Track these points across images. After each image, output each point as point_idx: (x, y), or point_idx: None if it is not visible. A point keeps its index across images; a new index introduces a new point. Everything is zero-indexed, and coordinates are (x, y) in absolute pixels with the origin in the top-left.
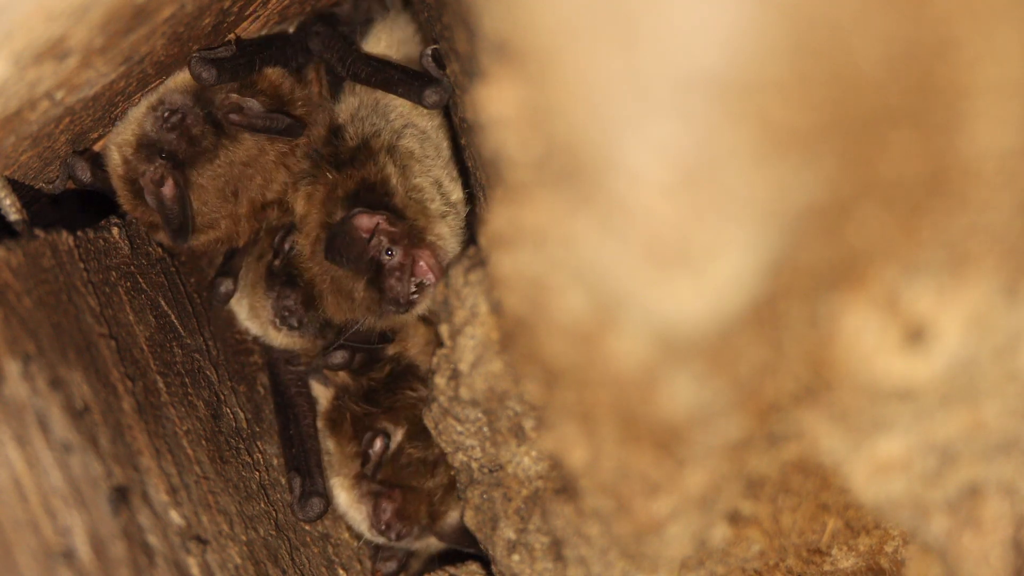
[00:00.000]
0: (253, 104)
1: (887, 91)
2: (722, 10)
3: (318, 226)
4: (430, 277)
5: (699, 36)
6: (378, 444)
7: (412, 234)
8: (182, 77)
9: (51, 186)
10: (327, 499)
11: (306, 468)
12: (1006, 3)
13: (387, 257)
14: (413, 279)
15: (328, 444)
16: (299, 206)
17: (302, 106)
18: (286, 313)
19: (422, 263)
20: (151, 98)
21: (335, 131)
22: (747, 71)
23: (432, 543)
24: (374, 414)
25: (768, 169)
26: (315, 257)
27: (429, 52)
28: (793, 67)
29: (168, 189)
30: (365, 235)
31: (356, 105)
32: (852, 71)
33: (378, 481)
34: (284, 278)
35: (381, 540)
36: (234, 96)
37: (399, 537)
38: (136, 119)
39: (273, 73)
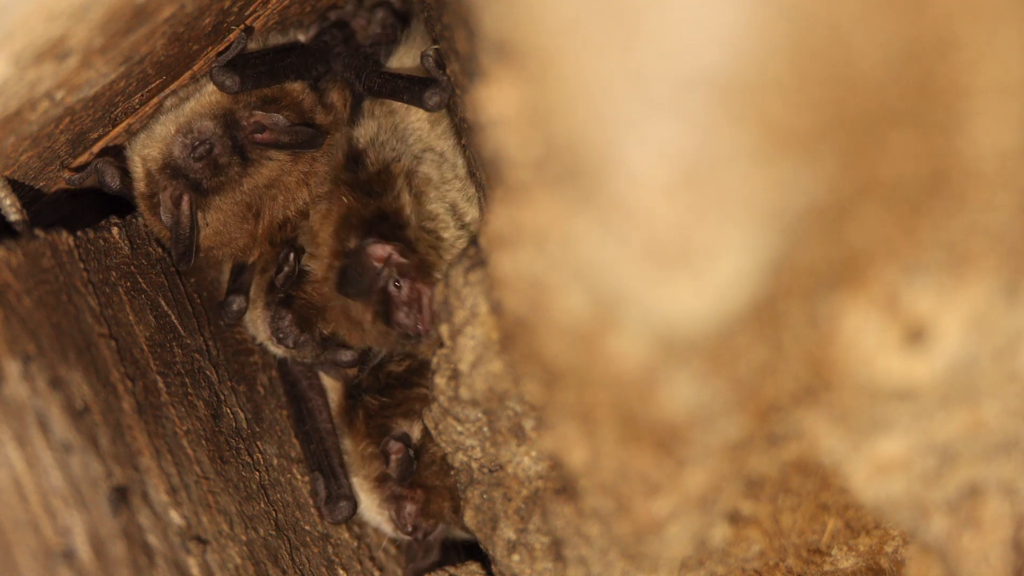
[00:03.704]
0: (279, 119)
1: (887, 91)
2: (722, 10)
3: (331, 254)
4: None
5: (699, 36)
6: (400, 451)
7: (421, 268)
8: (208, 99)
9: (75, 176)
10: (354, 501)
11: (329, 469)
12: (1006, 3)
13: (394, 288)
14: (420, 314)
15: (344, 443)
16: (314, 222)
17: (323, 122)
18: (281, 335)
19: (426, 299)
20: (180, 120)
21: (355, 157)
22: (747, 71)
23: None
24: (389, 408)
25: (768, 169)
26: (327, 282)
27: (430, 52)
28: (793, 67)
29: (183, 210)
30: (377, 264)
31: (375, 129)
32: (852, 71)
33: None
34: (282, 296)
35: (407, 539)
36: (259, 114)
37: (425, 535)
38: (164, 138)
39: (294, 88)
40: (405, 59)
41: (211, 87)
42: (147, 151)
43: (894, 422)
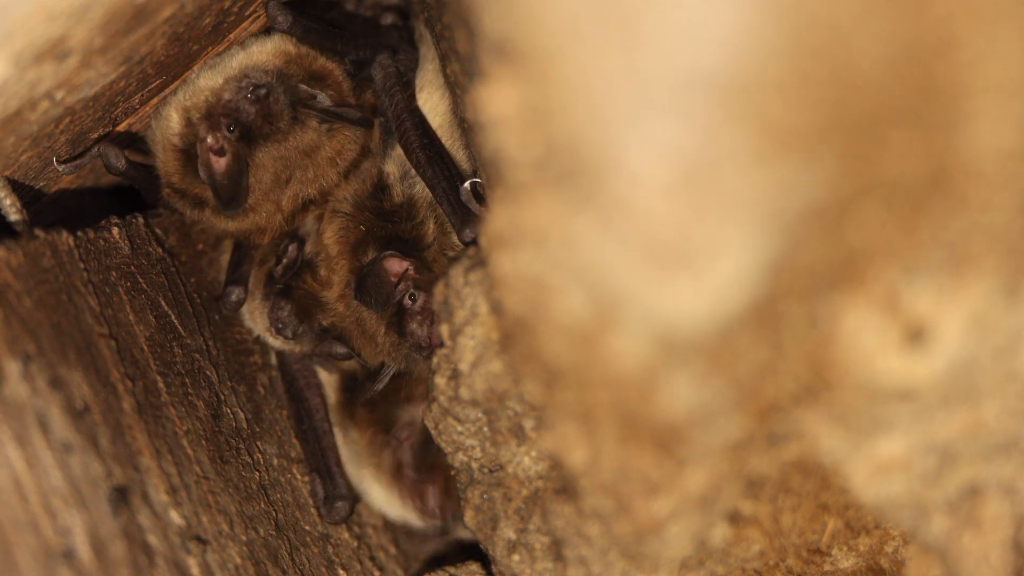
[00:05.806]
0: (323, 98)
1: (887, 91)
2: (722, 10)
3: (348, 271)
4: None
5: (699, 36)
6: (411, 438)
7: (437, 283)
8: (259, 56)
9: (68, 164)
10: (352, 501)
11: (326, 469)
12: (1006, 3)
13: (409, 301)
14: (432, 326)
15: (352, 434)
16: (328, 238)
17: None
18: (280, 325)
19: None
20: (229, 70)
21: (383, 188)
22: (747, 71)
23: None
24: (391, 394)
25: (768, 169)
26: (343, 298)
27: (468, 186)
28: (793, 67)
29: (226, 159)
30: (393, 278)
31: (406, 168)
32: (852, 71)
33: (417, 469)
34: (281, 287)
35: (437, 524)
36: (304, 88)
37: (454, 517)
38: (211, 88)
39: (335, 70)
40: (434, 94)
41: (256, 47)
42: (189, 102)
43: (894, 422)
